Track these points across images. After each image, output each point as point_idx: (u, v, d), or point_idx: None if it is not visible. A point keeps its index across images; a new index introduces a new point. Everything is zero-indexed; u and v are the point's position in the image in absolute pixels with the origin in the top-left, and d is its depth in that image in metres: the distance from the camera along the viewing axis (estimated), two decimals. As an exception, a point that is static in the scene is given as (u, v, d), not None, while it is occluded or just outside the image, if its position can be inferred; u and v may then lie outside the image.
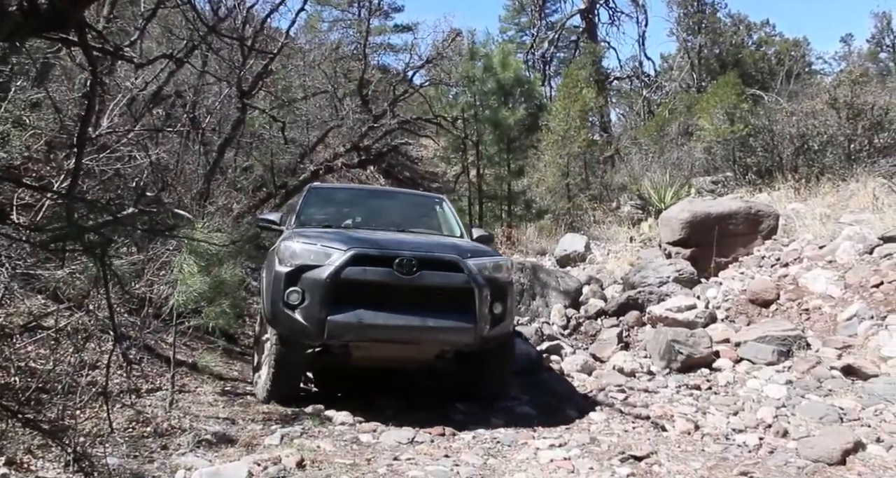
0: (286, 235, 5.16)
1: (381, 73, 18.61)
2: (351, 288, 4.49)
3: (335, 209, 6.26)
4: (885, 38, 33.53)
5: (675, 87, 25.89)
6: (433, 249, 4.89)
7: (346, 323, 4.48)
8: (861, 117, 12.62)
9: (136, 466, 3.52)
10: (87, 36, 2.07)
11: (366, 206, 6.53)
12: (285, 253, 4.70)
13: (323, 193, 6.62)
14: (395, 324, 4.52)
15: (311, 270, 4.53)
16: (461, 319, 4.64)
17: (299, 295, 4.52)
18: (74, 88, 6.46)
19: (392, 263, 4.54)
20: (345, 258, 4.50)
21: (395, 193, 7.52)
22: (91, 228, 2.35)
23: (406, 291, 4.55)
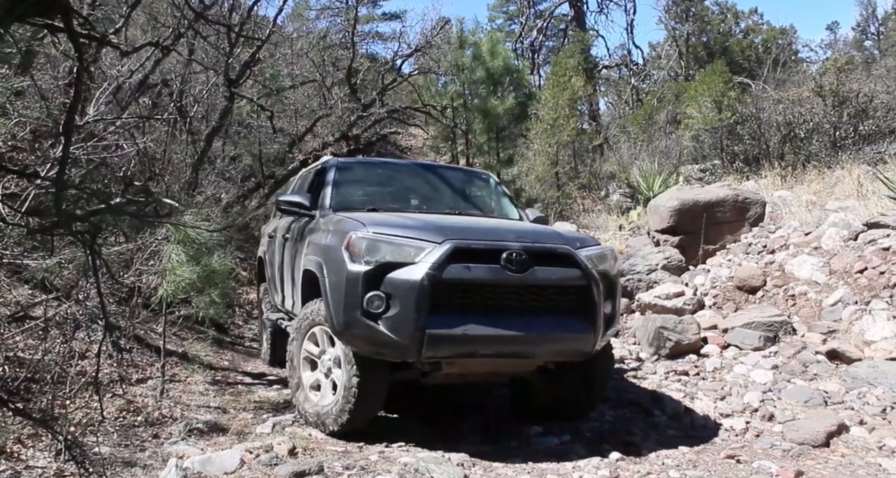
0: (333, 221, 4.27)
1: (369, 62, 18.50)
2: (452, 291, 3.59)
3: (373, 188, 5.30)
4: (871, 26, 33.75)
5: (663, 75, 25.94)
6: (538, 238, 3.96)
7: (451, 336, 3.56)
8: (846, 105, 12.71)
9: (128, 454, 3.52)
10: (72, 21, 2.05)
11: (408, 184, 5.49)
12: (359, 246, 3.66)
13: (354, 168, 5.40)
14: (508, 335, 3.65)
15: (399, 268, 3.57)
16: (579, 324, 3.82)
17: (383, 301, 3.54)
18: (59, 76, 6.38)
19: (499, 257, 3.64)
20: (443, 253, 3.56)
21: (435, 168, 6.23)
22: (80, 216, 2.34)
23: (516, 292, 3.71)
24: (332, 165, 5.21)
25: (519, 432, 4.19)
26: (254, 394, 5.18)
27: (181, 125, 10.23)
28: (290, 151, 13.86)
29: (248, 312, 9.04)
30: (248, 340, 7.71)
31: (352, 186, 5.12)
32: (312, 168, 5.88)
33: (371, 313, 3.55)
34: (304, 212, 4.76)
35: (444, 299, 3.56)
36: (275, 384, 5.59)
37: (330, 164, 5.25)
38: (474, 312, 3.62)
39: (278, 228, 5.86)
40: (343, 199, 4.85)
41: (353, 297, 3.58)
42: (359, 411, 3.77)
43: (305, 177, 5.99)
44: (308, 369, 4.14)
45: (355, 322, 3.59)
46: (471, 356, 3.74)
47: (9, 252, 3.79)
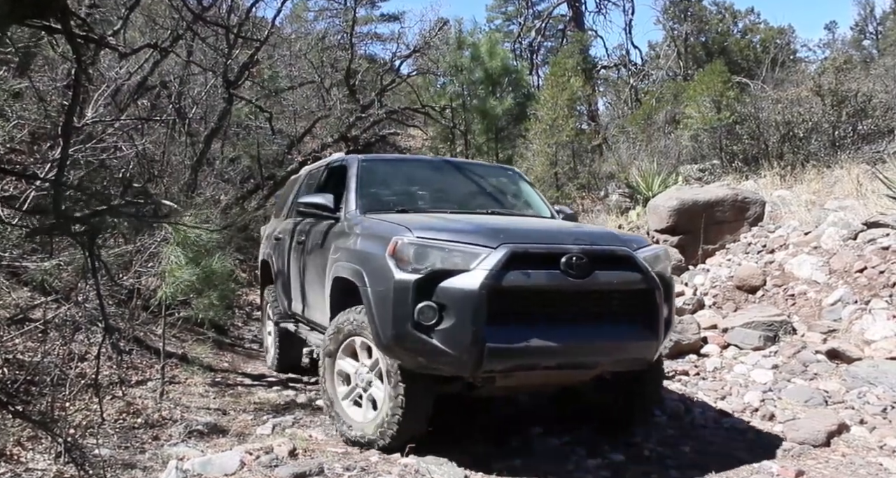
0: (366, 224, 4.03)
1: (368, 63, 18.50)
2: (511, 300, 3.33)
3: (400, 187, 4.98)
4: (869, 26, 33.80)
5: (661, 75, 25.95)
6: (595, 239, 3.72)
7: (512, 349, 3.30)
8: (845, 104, 12.72)
9: (128, 456, 3.52)
10: (70, 23, 2.05)
11: (435, 182, 5.17)
12: (406, 253, 3.37)
13: (377, 166, 5.01)
14: (571, 345, 3.42)
15: (452, 276, 3.29)
16: (641, 330, 3.60)
17: (435, 312, 3.26)
18: (58, 78, 6.38)
19: (558, 261, 3.38)
20: (500, 259, 3.29)
21: (460, 165, 5.85)
22: (79, 218, 2.34)
23: (577, 298, 3.48)
24: (354, 162, 4.81)
25: (520, 432, 4.18)
26: (254, 395, 5.18)
27: (180, 127, 10.23)
28: (289, 153, 13.87)
29: (247, 314, 9.04)
30: (248, 341, 7.71)
31: (377, 185, 4.77)
32: (321, 166, 5.57)
33: (423, 326, 3.27)
34: (327, 214, 4.45)
35: (502, 309, 3.30)
36: (275, 386, 5.58)
37: (350, 161, 4.85)
38: (534, 322, 3.37)
39: (286, 231, 5.68)
40: (371, 200, 4.52)
41: (402, 308, 3.30)
42: (405, 428, 3.49)
43: (314, 176, 5.66)
44: (342, 383, 3.88)
45: (405, 336, 3.30)
46: (532, 369, 3.49)
47: (8, 254, 3.79)
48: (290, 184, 6.77)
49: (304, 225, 5.08)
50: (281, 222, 6.16)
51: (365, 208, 4.37)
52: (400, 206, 4.50)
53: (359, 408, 3.80)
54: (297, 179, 6.45)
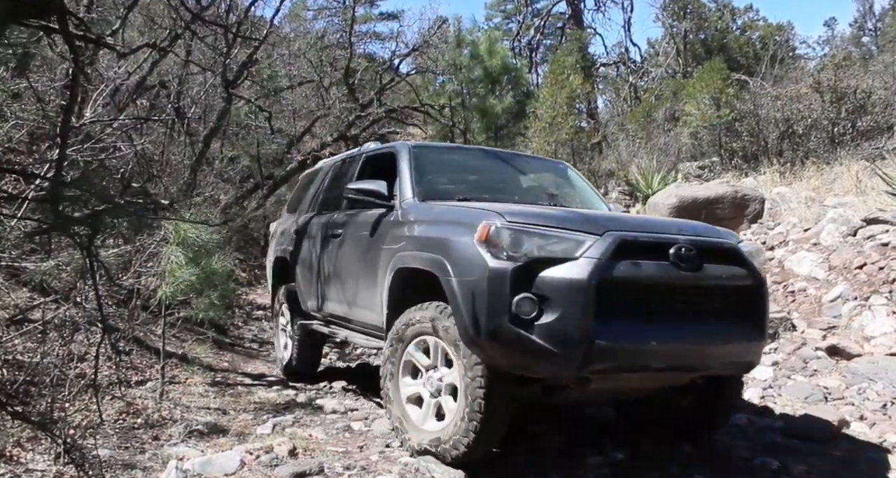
0: (437, 211, 3.79)
1: (367, 62, 18.49)
2: (621, 293, 3.03)
3: (456, 176, 4.73)
4: (868, 22, 33.77)
5: (661, 72, 25.93)
6: (697, 231, 3.48)
7: (624, 348, 3.01)
8: (844, 101, 12.72)
9: (128, 457, 3.52)
10: (68, 23, 2.04)
11: (490, 172, 4.95)
12: (501, 238, 3.06)
13: (429, 154, 4.72)
14: (684, 346, 3.16)
15: (555, 265, 2.98)
16: (748, 331, 3.36)
17: (535, 305, 2.93)
18: (56, 78, 6.38)
19: (667, 253, 3.10)
20: (609, 247, 3.00)
21: (510, 156, 5.60)
22: (77, 218, 2.34)
23: (688, 294, 3.20)
24: (404, 149, 4.52)
25: (522, 430, 4.18)
26: (254, 395, 5.18)
27: (179, 126, 10.23)
28: (289, 152, 13.86)
29: (247, 314, 9.04)
30: (248, 341, 7.71)
31: (432, 173, 4.45)
32: (353, 156, 5.33)
33: (521, 320, 2.93)
34: (380, 202, 4.13)
35: (610, 303, 2.98)
36: (275, 385, 5.58)
37: (400, 148, 4.58)
38: (644, 319, 3.08)
39: (311, 224, 5.39)
40: (428, 187, 4.21)
41: (497, 300, 2.97)
42: (483, 437, 3.13)
43: (344, 167, 5.37)
44: (408, 386, 3.56)
45: (500, 331, 2.96)
46: (640, 371, 3.15)
47: (7, 255, 3.78)
48: (306, 179, 6.50)
49: (341, 216, 4.81)
50: (300, 217, 5.81)
51: (423, 196, 4.06)
52: (459, 194, 4.17)
53: (427, 414, 3.46)
54: (316, 172, 6.18)
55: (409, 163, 4.33)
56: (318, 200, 5.61)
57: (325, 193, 5.57)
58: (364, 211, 4.38)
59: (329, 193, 5.49)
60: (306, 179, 6.46)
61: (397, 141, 5.23)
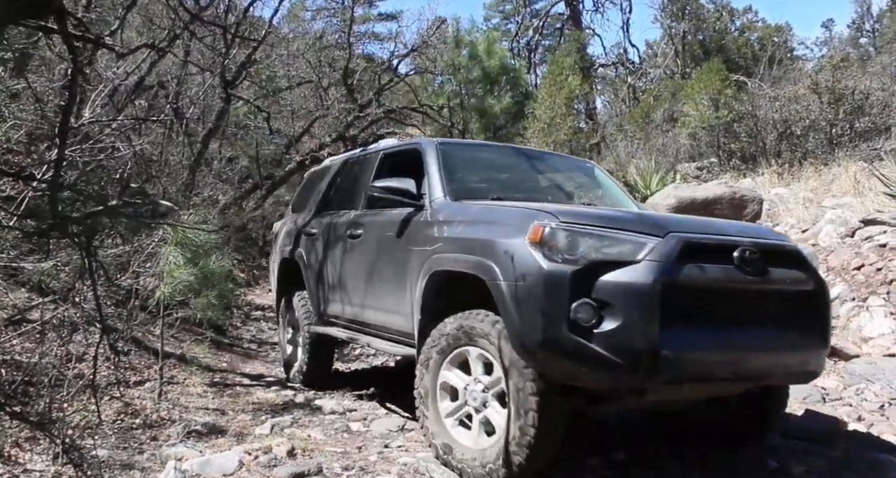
0: (476, 210, 3.58)
1: (365, 63, 18.49)
2: (686, 298, 2.85)
3: (486, 175, 4.55)
4: (866, 23, 33.85)
5: (659, 73, 25.97)
6: (757, 233, 3.34)
7: (691, 358, 2.82)
8: (842, 102, 12.75)
9: (126, 457, 3.51)
10: (66, 23, 2.04)
11: (520, 171, 4.78)
12: (556, 240, 2.86)
13: (457, 151, 4.50)
14: (749, 355, 2.99)
15: (615, 269, 2.79)
16: (811, 338, 3.19)
17: (595, 311, 2.74)
18: (54, 79, 6.37)
19: (731, 255, 2.94)
20: (673, 249, 2.82)
21: (541, 156, 5.44)
22: (76, 219, 2.34)
23: (753, 299, 3.02)
24: (431, 146, 4.29)
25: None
26: (252, 395, 5.17)
27: (178, 127, 10.22)
28: (287, 152, 13.86)
29: (245, 314, 9.03)
30: (247, 341, 7.71)
31: (461, 171, 4.27)
32: (369, 154, 5.06)
33: (581, 328, 2.73)
34: (408, 201, 3.90)
35: (676, 310, 2.78)
36: (273, 386, 5.58)
37: (426, 145, 4.33)
38: (708, 326, 2.90)
39: (325, 224, 5.14)
40: (459, 186, 4.01)
41: (555, 306, 2.76)
42: (537, 454, 2.92)
43: (360, 166, 5.11)
44: (447, 399, 3.33)
45: (558, 339, 2.75)
46: (706, 381, 2.97)
47: (5, 255, 3.78)
48: (313, 177, 6.24)
49: (359, 216, 4.60)
50: (308, 217, 5.59)
51: (455, 195, 3.85)
52: (491, 193, 3.98)
53: (468, 430, 3.22)
54: (324, 170, 5.92)
55: (438, 160, 4.11)
56: (330, 198, 5.42)
57: (337, 192, 5.38)
58: (387, 210, 4.16)
59: (342, 191, 5.29)
60: (312, 178, 6.24)
61: (421, 138, 5.10)
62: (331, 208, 5.26)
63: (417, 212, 3.89)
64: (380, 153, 4.83)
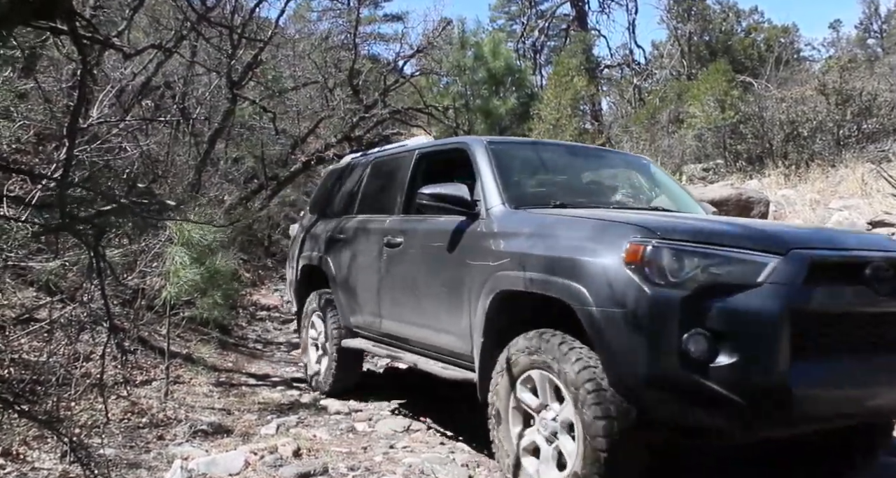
0: (550, 223, 3.14)
1: (371, 63, 18.50)
2: (815, 326, 2.50)
3: (544, 177, 4.17)
4: (873, 24, 33.70)
5: (665, 74, 25.93)
6: (881, 244, 2.94)
7: (824, 395, 2.47)
8: (850, 103, 12.70)
9: (133, 456, 3.53)
10: (75, 24, 2.05)
11: (579, 171, 4.38)
12: (660, 260, 2.46)
13: (509, 151, 4.04)
14: (882, 389, 2.62)
15: (732, 293, 2.42)
16: None
17: (710, 343, 2.38)
18: (63, 79, 6.40)
19: (860, 274, 2.56)
20: (799, 269, 2.46)
21: (595, 152, 5.09)
22: (84, 218, 2.35)
23: (885, 324, 2.64)
24: (479, 145, 3.83)
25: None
26: (258, 395, 5.19)
27: (184, 127, 10.26)
28: (293, 153, 13.88)
29: (251, 314, 9.05)
30: (252, 341, 7.72)
31: (517, 174, 3.88)
32: (399, 153, 4.66)
33: (694, 362, 2.37)
34: (460, 209, 3.50)
35: (806, 340, 2.44)
36: (279, 385, 5.59)
37: (474, 144, 3.87)
38: (838, 356, 2.54)
39: (356, 229, 4.72)
40: (517, 191, 3.63)
41: (662, 337, 2.41)
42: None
43: (387, 167, 4.76)
44: (520, 425, 3.02)
45: (667, 375, 2.41)
46: (837, 419, 2.67)
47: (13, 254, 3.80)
48: (333, 177, 5.76)
49: (399, 222, 4.20)
50: (334, 220, 5.16)
51: (515, 202, 3.44)
52: (553, 199, 3.59)
53: (538, 461, 2.93)
54: (346, 169, 5.51)
55: (490, 162, 3.67)
56: (358, 200, 5.01)
57: (366, 194, 4.96)
58: (433, 218, 3.79)
59: (372, 193, 4.89)
60: (333, 178, 5.78)
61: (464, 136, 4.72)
62: (360, 211, 4.88)
63: (471, 221, 3.47)
64: (414, 153, 4.42)
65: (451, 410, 4.50)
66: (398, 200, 4.33)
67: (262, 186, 12.58)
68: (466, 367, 3.50)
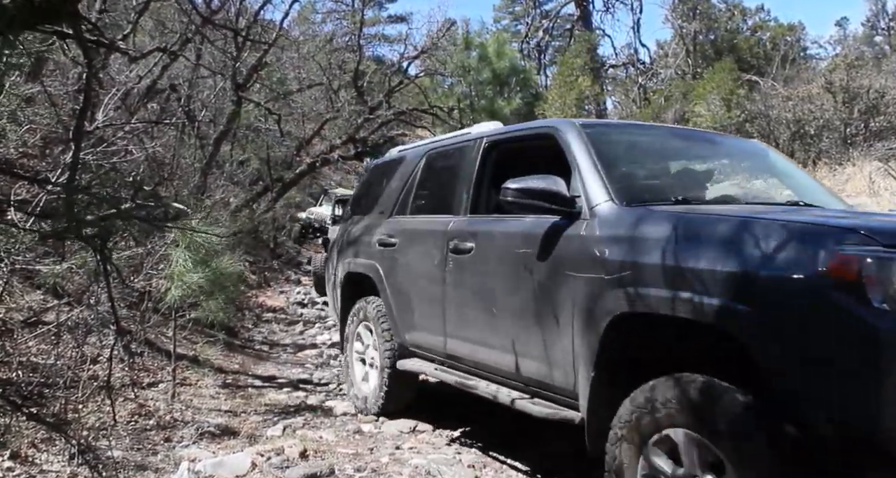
0: (704, 223, 2.38)
1: (375, 65, 18.55)
2: None
3: (656, 167, 3.55)
4: (880, 21, 33.51)
5: (670, 74, 25.86)
6: None
7: None
8: (857, 101, 12.65)
9: (140, 458, 3.54)
10: (81, 28, 2.06)
11: (693, 160, 3.79)
12: (888, 275, 1.83)
13: (611, 136, 3.41)
14: None
15: None
16: None
17: None
18: (69, 82, 6.44)
19: None
20: None
21: (707, 137, 4.41)
22: (90, 221, 2.36)
23: None
24: (572, 129, 3.12)
25: (530, 434, 4.18)
26: (264, 397, 5.19)
27: (189, 130, 10.30)
28: (298, 155, 13.94)
29: (257, 316, 9.07)
30: (258, 343, 7.74)
31: (624, 164, 3.22)
32: (467, 142, 3.91)
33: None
34: (556, 208, 2.81)
35: None
36: (285, 387, 5.60)
37: (565, 128, 3.15)
38: None
39: (413, 232, 4.09)
40: (628, 185, 2.97)
41: (878, 377, 1.77)
42: None
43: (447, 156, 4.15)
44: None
45: None
46: None
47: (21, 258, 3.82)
48: (378, 172, 5.09)
49: (470, 225, 3.52)
50: (383, 222, 4.49)
51: (627, 198, 2.73)
52: (671, 193, 2.99)
53: None
54: (394, 163, 4.83)
55: (588, 149, 2.98)
56: (411, 199, 4.35)
57: (420, 191, 4.32)
58: (514, 218, 3.16)
59: (427, 190, 4.28)
60: (378, 173, 5.10)
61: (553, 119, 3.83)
62: (415, 211, 4.26)
63: (570, 222, 2.78)
64: (481, 141, 3.72)
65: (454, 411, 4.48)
66: (463, 199, 3.66)
67: (268, 187, 12.62)
68: (562, 402, 2.85)
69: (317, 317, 9.45)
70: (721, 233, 2.25)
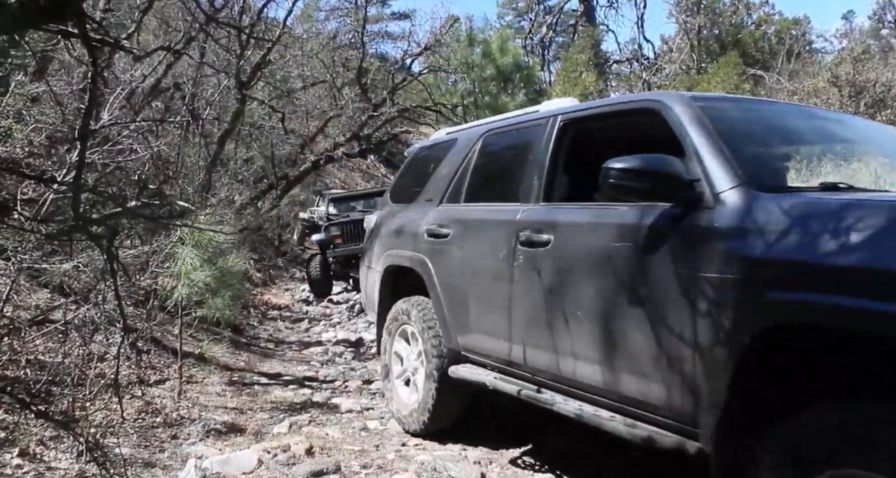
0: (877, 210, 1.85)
1: (379, 62, 18.54)
2: None
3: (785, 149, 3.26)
4: (887, 14, 33.26)
5: (675, 69, 25.76)
6: None
7: None
8: (863, 95, 12.57)
9: (147, 455, 3.56)
10: (86, 27, 2.07)
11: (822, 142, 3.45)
12: None
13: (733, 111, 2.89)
14: None
15: None
16: None
17: None
18: (74, 82, 6.46)
19: None
20: None
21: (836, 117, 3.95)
22: (96, 220, 2.36)
23: None
24: (679, 102, 2.61)
25: (536, 430, 4.18)
26: (270, 394, 5.21)
27: (194, 128, 10.32)
28: (302, 152, 13.96)
29: (262, 314, 9.10)
30: (264, 340, 7.76)
31: (749, 144, 2.71)
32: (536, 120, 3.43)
33: None
34: (670, 192, 2.33)
35: None
36: (291, 385, 5.62)
37: (670, 101, 2.64)
38: None
39: (463, 222, 3.62)
40: (761, 167, 2.56)
41: None
42: None
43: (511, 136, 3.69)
44: None
45: None
46: None
47: (28, 257, 3.84)
48: (425, 156, 4.55)
49: (547, 214, 3.03)
50: (432, 210, 3.98)
51: (758, 183, 2.23)
52: (814, 177, 2.60)
53: None
54: (445, 146, 4.27)
55: (705, 125, 2.47)
56: (465, 185, 3.84)
57: (476, 177, 3.82)
58: (607, 207, 2.68)
59: (486, 175, 3.81)
60: (423, 157, 4.58)
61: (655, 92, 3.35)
62: (470, 198, 3.77)
63: (687, 210, 2.30)
64: (555, 120, 3.22)
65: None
66: (534, 185, 3.18)
67: (272, 185, 12.64)
68: (671, 427, 2.34)
69: (322, 314, 9.47)
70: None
